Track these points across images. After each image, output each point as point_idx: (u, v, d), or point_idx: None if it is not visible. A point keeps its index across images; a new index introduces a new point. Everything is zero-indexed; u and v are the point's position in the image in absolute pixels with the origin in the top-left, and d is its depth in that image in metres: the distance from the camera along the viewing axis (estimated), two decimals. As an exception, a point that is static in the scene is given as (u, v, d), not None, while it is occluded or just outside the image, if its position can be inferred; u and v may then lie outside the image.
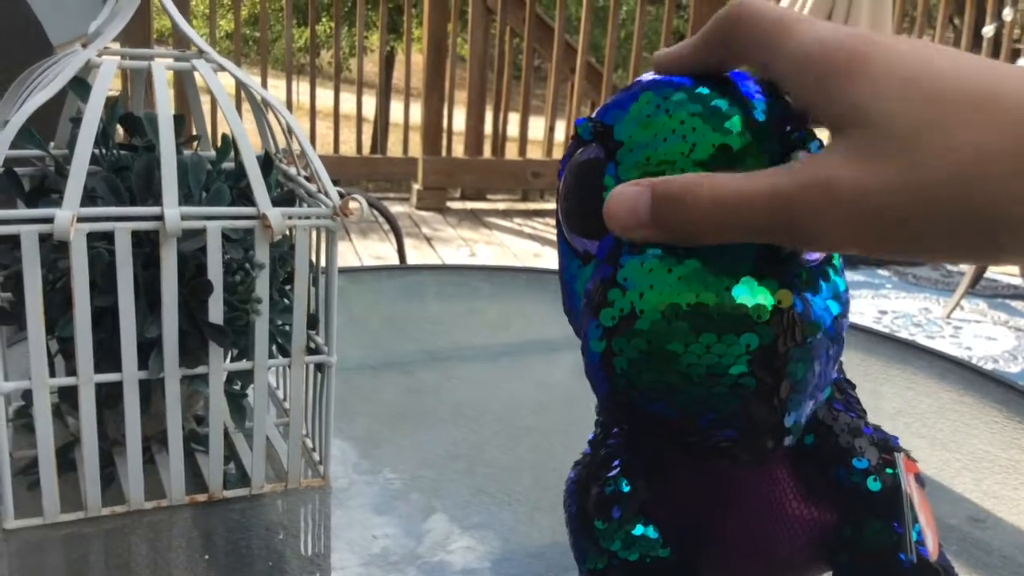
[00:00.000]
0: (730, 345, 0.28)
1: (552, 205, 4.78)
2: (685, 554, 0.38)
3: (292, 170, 0.58)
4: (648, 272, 0.29)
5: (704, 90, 0.32)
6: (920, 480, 0.39)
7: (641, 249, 0.30)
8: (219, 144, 0.57)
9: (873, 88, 0.26)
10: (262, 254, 0.49)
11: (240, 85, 0.55)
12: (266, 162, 0.54)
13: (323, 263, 0.54)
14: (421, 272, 1.20)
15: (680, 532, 0.38)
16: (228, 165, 0.57)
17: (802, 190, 0.26)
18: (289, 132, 0.55)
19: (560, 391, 0.74)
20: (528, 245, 3.95)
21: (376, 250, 3.59)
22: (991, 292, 3.53)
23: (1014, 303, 3.42)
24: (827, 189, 0.26)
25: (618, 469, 0.39)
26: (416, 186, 4.40)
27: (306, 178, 0.56)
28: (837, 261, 0.34)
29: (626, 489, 0.38)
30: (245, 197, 0.53)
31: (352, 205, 0.50)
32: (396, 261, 1.60)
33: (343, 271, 1.09)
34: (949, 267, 3.93)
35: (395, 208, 4.32)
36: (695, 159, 0.31)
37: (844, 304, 0.33)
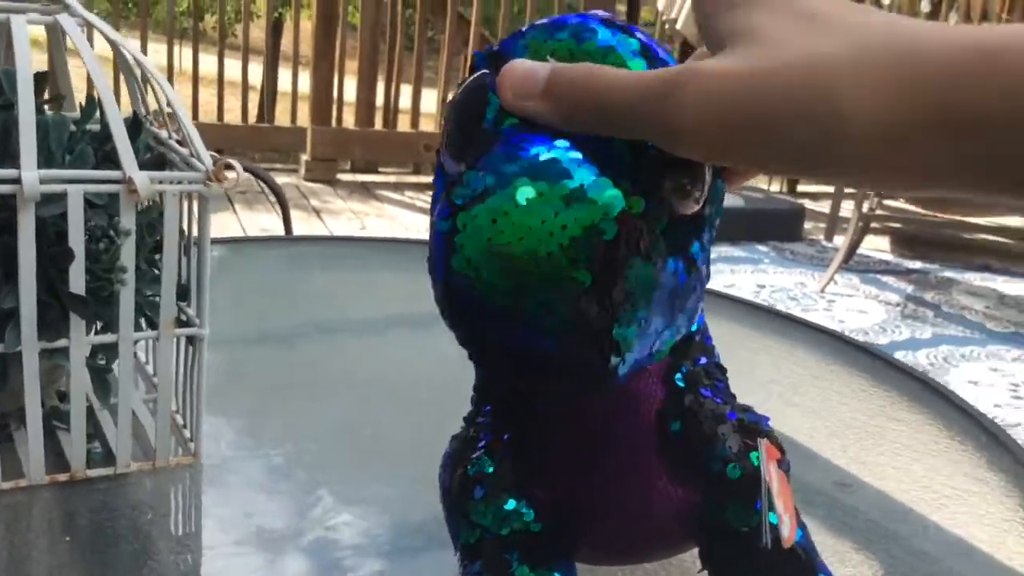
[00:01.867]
0: (574, 234, 0.28)
1: (443, 178, 4.77)
2: (557, 528, 0.38)
3: (164, 134, 0.56)
4: (508, 160, 0.29)
5: (593, 24, 0.32)
6: (783, 465, 0.39)
7: (508, 144, 0.30)
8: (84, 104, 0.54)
9: (749, 9, 0.29)
10: (127, 220, 0.47)
11: (109, 43, 0.52)
12: (134, 123, 0.52)
13: (196, 231, 0.52)
14: (307, 243, 1.18)
15: (553, 507, 0.38)
16: (94, 127, 0.54)
17: (674, 74, 0.28)
18: (164, 94, 0.53)
19: (447, 364, 0.73)
20: (420, 219, 3.92)
21: (262, 222, 3.51)
22: (863, 267, 3.68)
23: (884, 278, 3.58)
24: (690, 73, 0.28)
25: (482, 450, 0.38)
26: (304, 157, 4.31)
27: (178, 142, 0.54)
28: (706, 234, 0.34)
29: (489, 470, 0.38)
30: (110, 160, 0.50)
31: (227, 171, 0.49)
32: (283, 233, 1.56)
33: (225, 241, 1.05)
34: (824, 243, 4.08)
35: (283, 179, 4.22)
36: None
37: (704, 262, 0.33)
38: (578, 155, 0.29)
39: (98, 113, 0.53)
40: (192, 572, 0.46)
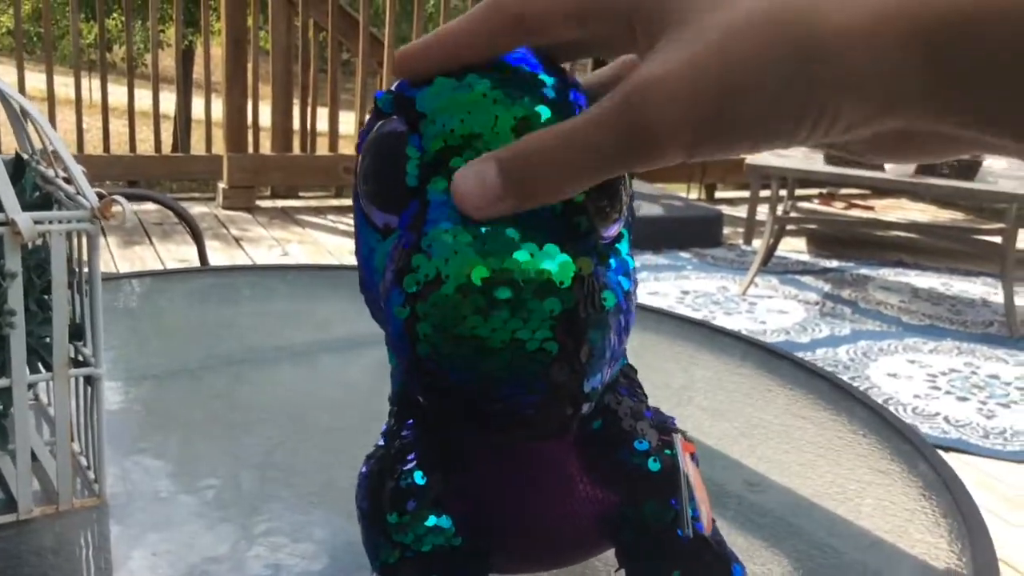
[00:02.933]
0: (533, 310, 0.29)
1: (366, 200, 4.74)
2: (477, 541, 0.39)
3: (51, 172, 0.55)
4: (452, 237, 0.29)
5: (499, 68, 0.32)
6: (695, 459, 0.41)
7: (445, 214, 0.30)
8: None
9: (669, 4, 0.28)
10: (12, 263, 0.46)
11: (-14, 82, 0.51)
12: (17, 164, 0.51)
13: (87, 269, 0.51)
14: (222, 274, 1.16)
15: (473, 520, 0.38)
16: (-23, 168, 0.53)
17: (625, 93, 0.27)
18: (42, 131, 0.52)
19: (356, 389, 0.73)
20: (343, 242, 3.90)
21: (180, 253, 3.45)
22: (782, 269, 3.77)
23: (803, 278, 3.67)
24: (643, 83, 0.27)
25: (413, 462, 0.38)
26: (222, 185, 4.25)
27: (65, 180, 0.53)
28: (626, 243, 0.35)
29: (421, 482, 0.38)
30: (-5, 202, 0.49)
31: (113, 208, 0.48)
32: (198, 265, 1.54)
33: (141, 275, 1.03)
34: (743, 247, 4.17)
35: (200, 208, 4.16)
36: (499, 130, 0.31)
37: (633, 281, 0.34)
38: (516, 217, 0.29)
39: (-18, 153, 0.52)
40: (98, 618, 0.45)
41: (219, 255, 3.43)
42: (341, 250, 3.76)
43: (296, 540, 0.51)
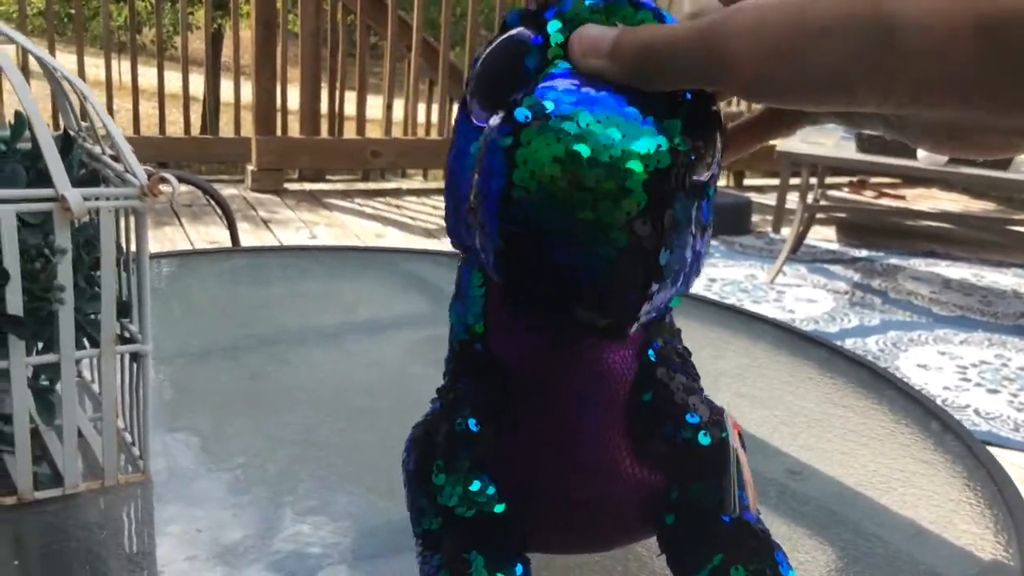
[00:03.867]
0: (635, 157, 0.29)
1: (393, 184, 4.75)
2: (520, 510, 0.38)
3: (97, 149, 0.55)
4: (565, 90, 0.30)
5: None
6: (743, 440, 0.40)
7: (563, 77, 0.31)
8: (12, 122, 0.53)
9: None
10: (63, 239, 0.46)
11: (36, 59, 0.51)
12: (65, 140, 0.51)
13: (133, 247, 0.51)
14: (253, 255, 1.16)
15: (517, 488, 0.38)
16: (25, 146, 0.53)
17: (719, 15, 0.29)
18: (93, 109, 0.52)
19: (393, 371, 0.73)
20: (370, 225, 3.91)
21: (210, 235, 3.47)
22: (810, 257, 3.74)
23: (832, 267, 3.64)
24: (735, 10, 0.29)
25: (469, 410, 0.38)
26: (250, 167, 4.27)
27: (112, 158, 0.53)
28: (710, 198, 0.35)
29: (475, 429, 0.38)
30: (43, 178, 0.49)
31: (162, 185, 0.48)
32: (230, 245, 1.55)
33: (172, 255, 1.04)
34: (772, 235, 4.14)
35: (229, 191, 4.18)
36: None
37: (708, 232, 0.35)
38: (624, 100, 0.31)
39: (27, 131, 0.52)
40: (144, 592, 0.45)
41: (247, 237, 3.45)
42: (368, 234, 3.77)
43: (335, 519, 0.51)
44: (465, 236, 0.35)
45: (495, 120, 0.32)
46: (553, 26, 0.33)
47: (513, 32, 0.34)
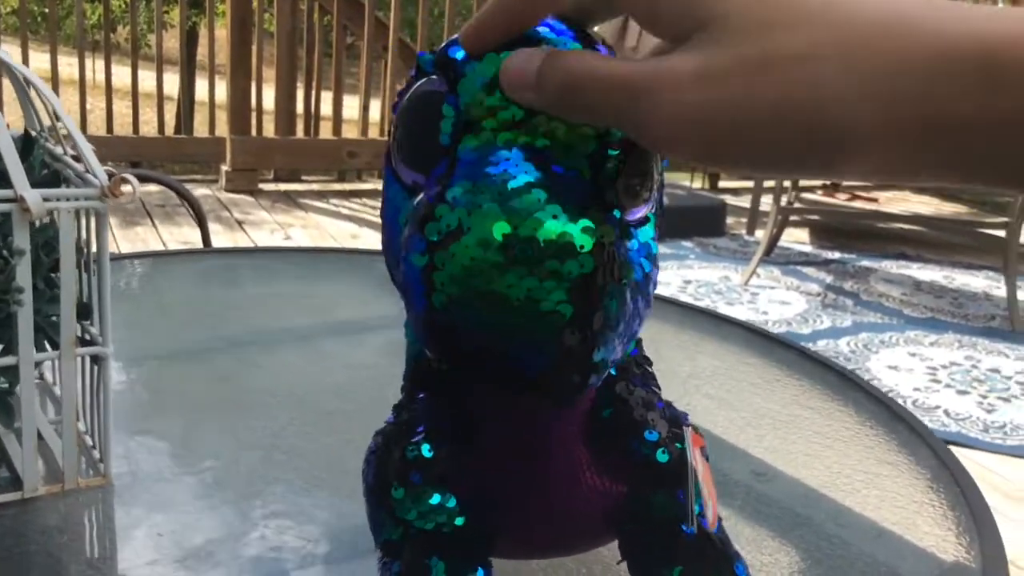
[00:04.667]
0: (551, 271, 0.28)
1: (370, 185, 4.73)
2: (480, 523, 0.38)
3: (59, 150, 0.54)
4: (478, 192, 0.29)
5: (551, 36, 0.32)
6: (705, 454, 0.40)
7: (473, 171, 0.30)
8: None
9: None
10: (21, 240, 0.45)
11: (-5, 57, 0.50)
12: (26, 141, 0.50)
13: (94, 248, 0.50)
14: (226, 256, 1.15)
15: (477, 501, 0.38)
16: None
17: (648, 74, 0.27)
18: (53, 109, 0.51)
19: (365, 373, 0.73)
20: (345, 226, 3.89)
21: (183, 235, 3.44)
22: (784, 259, 3.76)
23: (805, 269, 3.66)
24: (666, 75, 0.27)
25: (421, 434, 0.38)
26: (225, 167, 4.24)
27: (74, 158, 0.52)
28: (651, 228, 0.35)
29: (428, 455, 0.38)
30: (4, 179, 0.49)
31: (123, 186, 0.47)
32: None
33: (143, 256, 1.03)
34: (746, 237, 4.16)
35: (202, 191, 4.15)
36: None
37: (655, 266, 0.34)
38: (543, 182, 0.29)
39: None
40: (103, 597, 0.44)
41: (221, 238, 3.43)
42: (343, 234, 3.75)
43: (300, 522, 0.50)
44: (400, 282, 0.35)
45: (416, 203, 0.31)
46: (463, 84, 0.32)
47: (426, 81, 0.33)
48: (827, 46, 0.25)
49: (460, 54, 0.32)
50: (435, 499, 0.38)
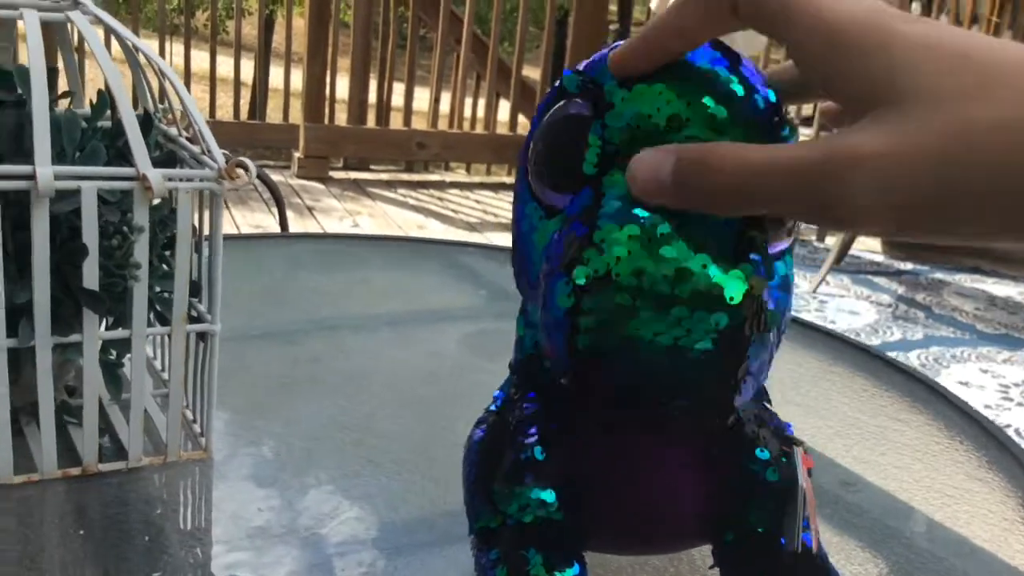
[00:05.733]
0: (700, 321, 0.29)
1: (437, 176, 4.76)
2: (577, 518, 0.39)
3: (173, 131, 0.56)
4: (628, 238, 0.29)
5: (704, 64, 0.31)
6: (810, 473, 0.40)
7: (622, 214, 0.30)
8: (94, 101, 0.54)
9: (908, 63, 0.25)
10: (141, 217, 0.47)
11: (118, 40, 0.52)
12: (146, 120, 0.52)
13: (206, 228, 0.52)
14: (304, 241, 1.17)
15: (576, 497, 0.38)
16: (105, 124, 0.54)
17: (827, 156, 0.25)
18: (165, 91, 0.53)
19: (448, 360, 0.74)
20: (412, 216, 3.92)
21: (256, 220, 3.50)
22: (855, 268, 3.70)
23: (876, 279, 3.59)
24: (853, 155, 0.25)
25: (535, 437, 0.38)
26: (297, 154, 4.30)
27: (188, 139, 0.54)
28: (790, 256, 0.34)
29: (540, 457, 0.38)
30: (122, 157, 0.50)
31: (239, 169, 0.49)
32: (277, 231, 1.56)
33: (232, 239, 1.05)
34: (816, 244, 4.10)
35: (275, 176, 4.21)
36: (688, 133, 0.30)
37: (790, 294, 0.34)
38: (693, 226, 0.29)
39: (108, 110, 0.54)
40: (204, 565, 0.46)
41: (292, 224, 3.48)
42: (410, 224, 3.78)
43: (394, 506, 0.51)
44: (532, 297, 0.35)
45: (561, 234, 0.31)
46: (611, 121, 0.31)
47: (571, 106, 0.33)
48: (1018, 102, 0.24)
49: (607, 79, 0.32)
50: (536, 493, 0.38)
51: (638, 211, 0.30)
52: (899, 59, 0.25)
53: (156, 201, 0.50)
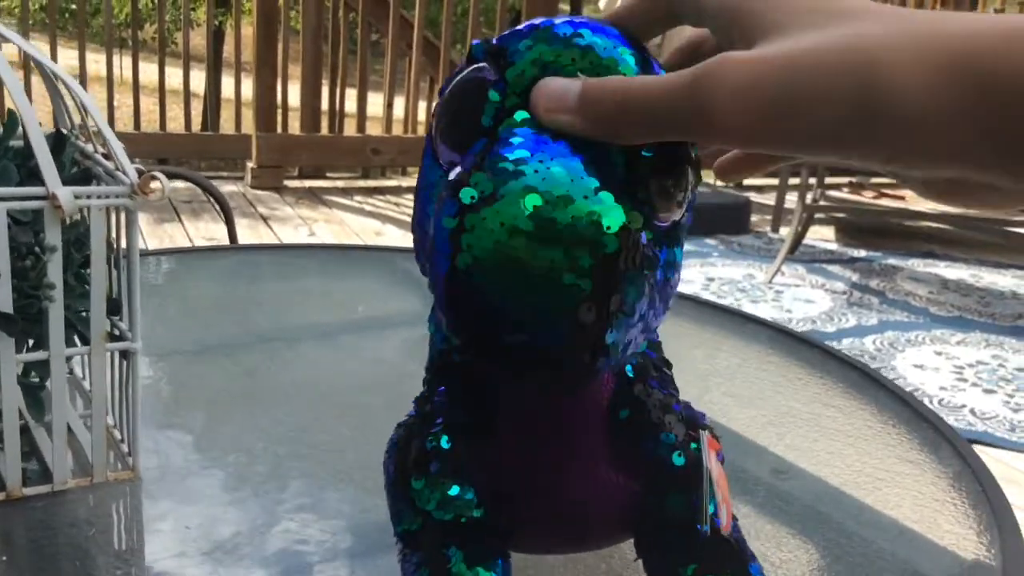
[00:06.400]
0: (575, 247, 0.29)
1: (393, 182, 4.75)
2: (498, 516, 0.39)
3: (90, 148, 0.55)
4: (515, 161, 0.30)
5: (602, 37, 0.33)
6: (721, 457, 0.41)
7: (512, 147, 0.31)
8: (5, 120, 0.53)
9: (783, 6, 0.29)
10: (53, 237, 0.46)
11: (28, 57, 0.51)
12: (58, 139, 0.51)
13: (124, 244, 0.51)
14: (252, 252, 1.17)
15: (496, 494, 0.39)
16: (17, 143, 0.53)
17: (697, 73, 0.29)
18: (84, 107, 0.52)
19: (390, 368, 0.74)
20: (369, 223, 3.91)
21: (209, 231, 3.47)
22: (809, 257, 3.74)
23: (830, 267, 3.64)
24: (717, 67, 0.28)
25: (440, 426, 0.39)
26: (250, 164, 4.27)
27: (104, 156, 0.53)
28: (679, 237, 0.35)
29: (446, 446, 0.38)
30: (35, 176, 0.50)
31: (153, 183, 0.48)
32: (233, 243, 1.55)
33: (170, 252, 1.04)
34: (771, 235, 4.14)
35: (228, 187, 4.18)
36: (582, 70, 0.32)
37: (676, 274, 0.34)
38: (580, 164, 0.30)
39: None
40: (132, 587, 0.45)
41: (247, 234, 3.46)
42: (367, 231, 3.77)
43: (324, 516, 0.51)
44: (425, 256, 0.35)
45: (452, 174, 0.32)
46: (511, 72, 0.33)
47: (475, 68, 0.34)
48: (877, 30, 0.27)
49: (512, 44, 0.33)
50: (454, 490, 0.38)
51: (529, 146, 0.31)
52: (785, 4, 0.30)
53: (70, 219, 0.49)
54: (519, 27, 0.35)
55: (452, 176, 0.32)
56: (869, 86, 0.26)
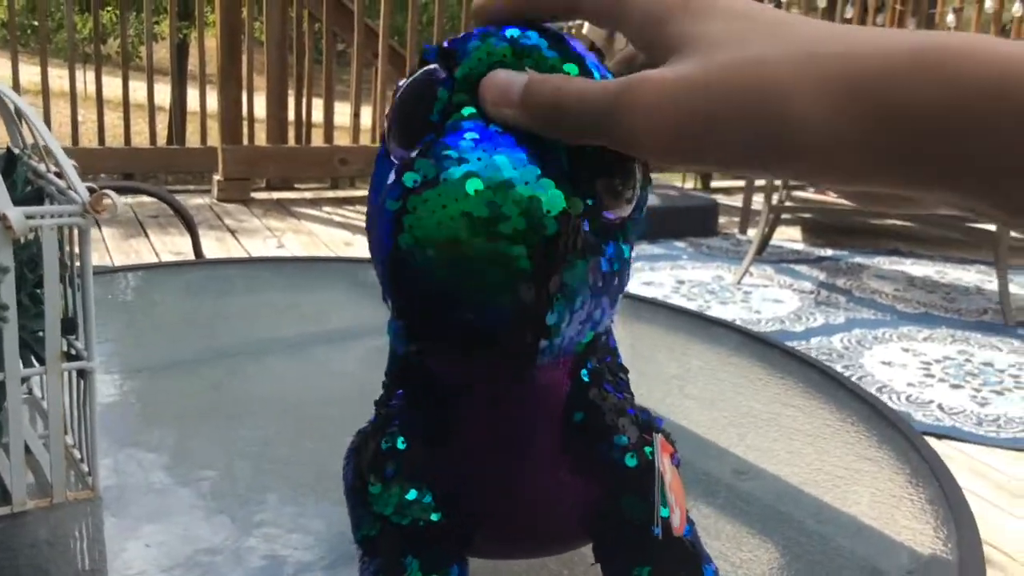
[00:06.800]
0: (516, 227, 0.30)
1: (362, 192, 4.73)
2: (457, 520, 0.39)
3: (43, 167, 0.55)
4: (459, 147, 0.31)
5: (548, 39, 0.34)
6: (675, 460, 0.41)
7: (457, 137, 0.32)
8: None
9: (697, 19, 0.31)
10: (5, 257, 0.46)
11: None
12: (9, 159, 0.51)
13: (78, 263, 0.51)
14: (215, 267, 1.16)
15: (454, 498, 0.39)
16: (-31, 164, 0.53)
17: (623, 86, 0.30)
18: (31, 125, 0.52)
19: (351, 380, 0.74)
20: (338, 234, 3.89)
21: (176, 246, 3.44)
22: (777, 258, 3.77)
23: (798, 267, 3.67)
24: (644, 81, 0.30)
25: (396, 427, 0.39)
26: (217, 177, 4.24)
27: (57, 174, 0.53)
28: (629, 235, 0.36)
29: (402, 447, 0.39)
30: (-13, 197, 0.50)
31: (104, 201, 0.48)
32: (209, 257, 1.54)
33: (135, 268, 1.04)
34: (739, 237, 4.17)
35: (196, 200, 4.16)
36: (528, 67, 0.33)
37: (623, 269, 0.35)
38: (523, 154, 0.31)
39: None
40: (92, 608, 0.45)
41: (214, 247, 3.43)
42: (336, 242, 3.76)
43: (291, 531, 0.51)
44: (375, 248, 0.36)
45: (397, 160, 0.33)
46: (460, 70, 0.34)
47: (426, 70, 0.35)
48: (787, 51, 0.28)
49: (462, 46, 0.34)
50: (412, 494, 0.39)
51: (474, 136, 0.31)
52: (694, 19, 0.31)
53: (23, 239, 0.49)
54: (471, 31, 0.36)
55: (396, 161, 0.33)
56: (772, 115, 0.28)
